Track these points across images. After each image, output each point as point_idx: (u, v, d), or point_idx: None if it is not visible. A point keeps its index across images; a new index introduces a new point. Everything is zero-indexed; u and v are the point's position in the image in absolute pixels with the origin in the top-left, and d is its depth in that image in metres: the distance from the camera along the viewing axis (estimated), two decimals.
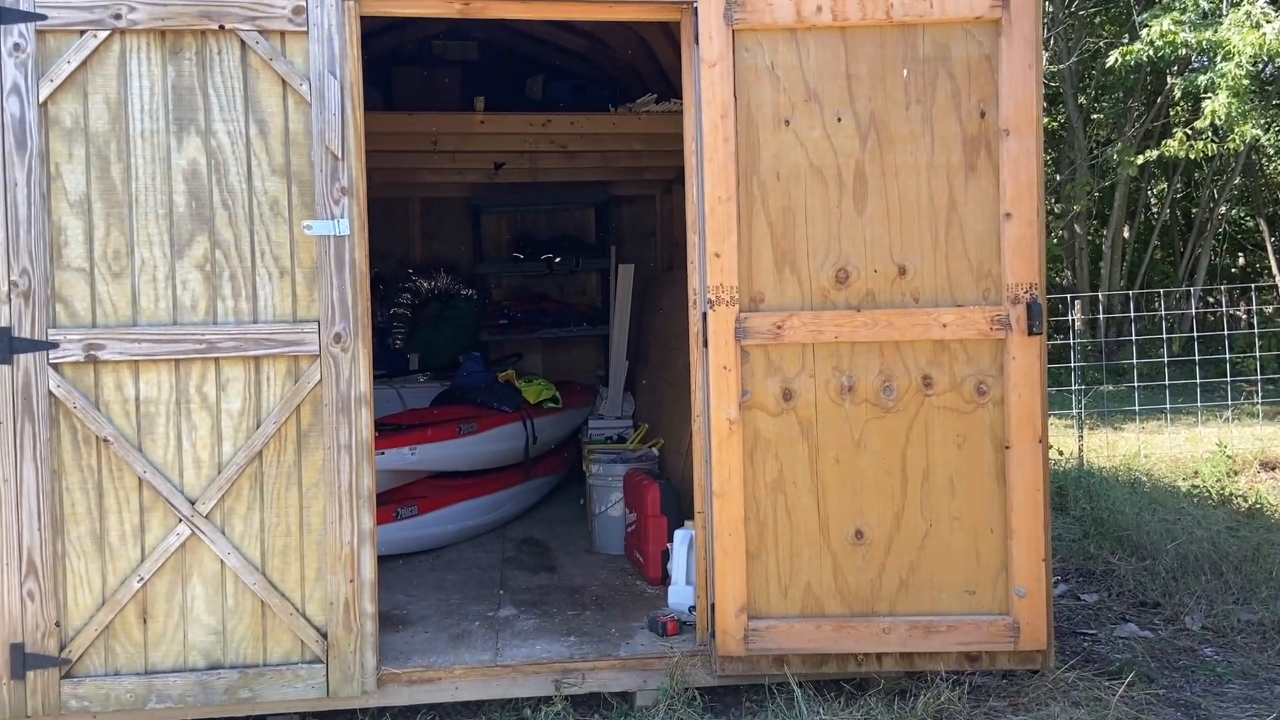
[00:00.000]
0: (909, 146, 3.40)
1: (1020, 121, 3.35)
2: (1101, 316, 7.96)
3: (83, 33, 3.16)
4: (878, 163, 3.40)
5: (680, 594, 3.99)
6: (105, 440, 3.19)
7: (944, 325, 3.38)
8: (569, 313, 7.52)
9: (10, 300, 3.14)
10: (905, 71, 3.38)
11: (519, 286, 7.79)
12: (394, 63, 6.57)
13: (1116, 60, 10.50)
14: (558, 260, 7.43)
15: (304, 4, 3.25)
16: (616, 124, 5.92)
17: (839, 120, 3.40)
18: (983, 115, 3.38)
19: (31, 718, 3.16)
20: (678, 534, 4.11)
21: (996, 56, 3.36)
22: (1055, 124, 13.80)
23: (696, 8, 3.41)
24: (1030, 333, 3.36)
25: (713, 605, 3.47)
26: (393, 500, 4.85)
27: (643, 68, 6.39)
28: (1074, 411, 6.65)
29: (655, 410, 5.97)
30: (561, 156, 6.51)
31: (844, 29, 3.39)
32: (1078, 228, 13.62)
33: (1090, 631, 4.17)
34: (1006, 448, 3.39)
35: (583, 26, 6.68)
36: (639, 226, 7.82)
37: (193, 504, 3.23)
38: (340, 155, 3.28)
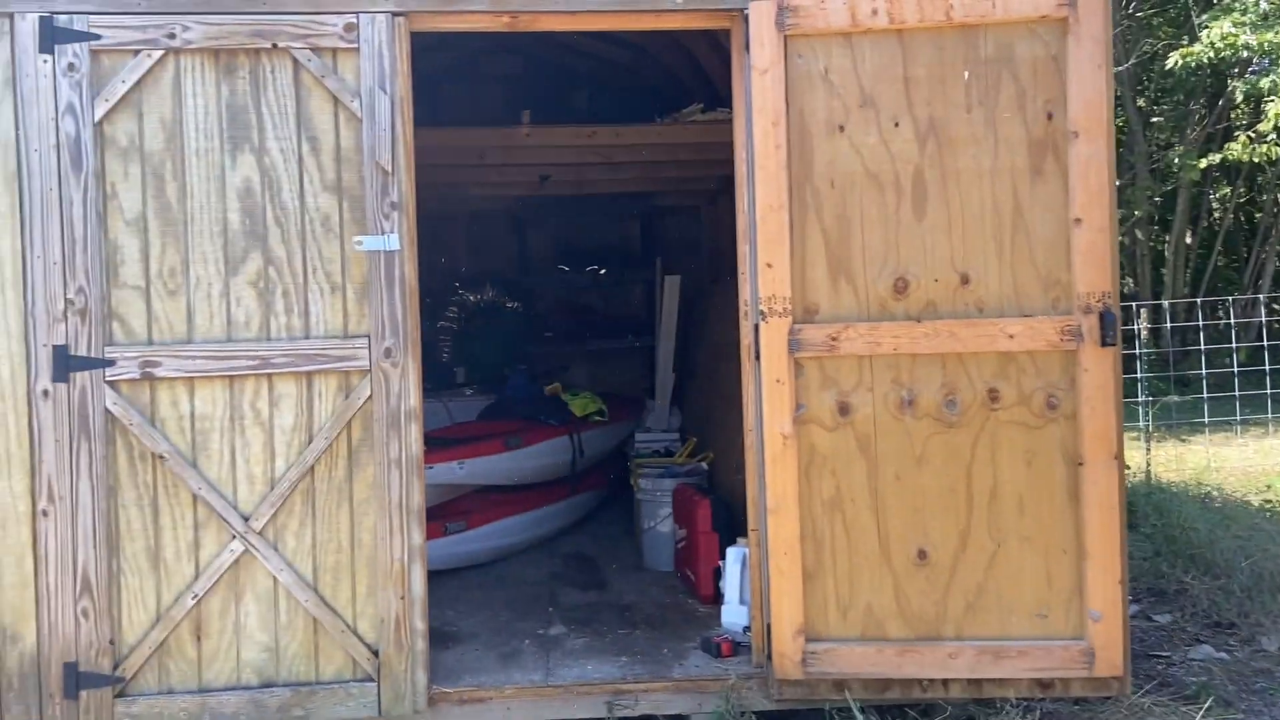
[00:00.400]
0: (971, 150, 3.29)
1: (1090, 123, 3.23)
2: (1167, 325, 7.70)
3: (137, 52, 3.18)
4: (938, 168, 3.30)
5: (734, 613, 3.89)
6: (161, 457, 3.20)
7: (1010, 336, 3.26)
8: (614, 325, 7.47)
9: (67, 319, 3.16)
10: (966, 74, 3.28)
11: (564, 299, 7.76)
12: (441, 79, 6.59)
13: (1176, 62, 10.22)
14: (603, 272, 7.39)
15: (355, 21, 3.24)
16: (662, 134, 5.85)
17: (896, 125, 3.31)
18: (1049, 117, 3.26)
19: None
20: (730, 551, 4.02)
21: (1063, 56, 3.24)
22: (1114, 128, 13.46)
23: (747, 14, 3.34)
24: (1104, 344, 3.22)
25: (768, 626, 3.37)
26: (441, 515, 4.82)
27: (687, 78, 6.34)
28: (1140, 424, 6.42)
29: (704, 423, 5.88)
30: (607, 168, 6.46)
31: (901, 32, 3.29)
32: (1139, 234, 13.27)
33: (1164, 654, 4.00)
34: (1079, 464, 3.25)
35: (627, 38, 6.65)
36: (684, 237, 7.75)
37: (246, 520, 3.22)
38: (390, 170, 3.26)
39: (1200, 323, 8.67)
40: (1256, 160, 10.68)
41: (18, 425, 3.15)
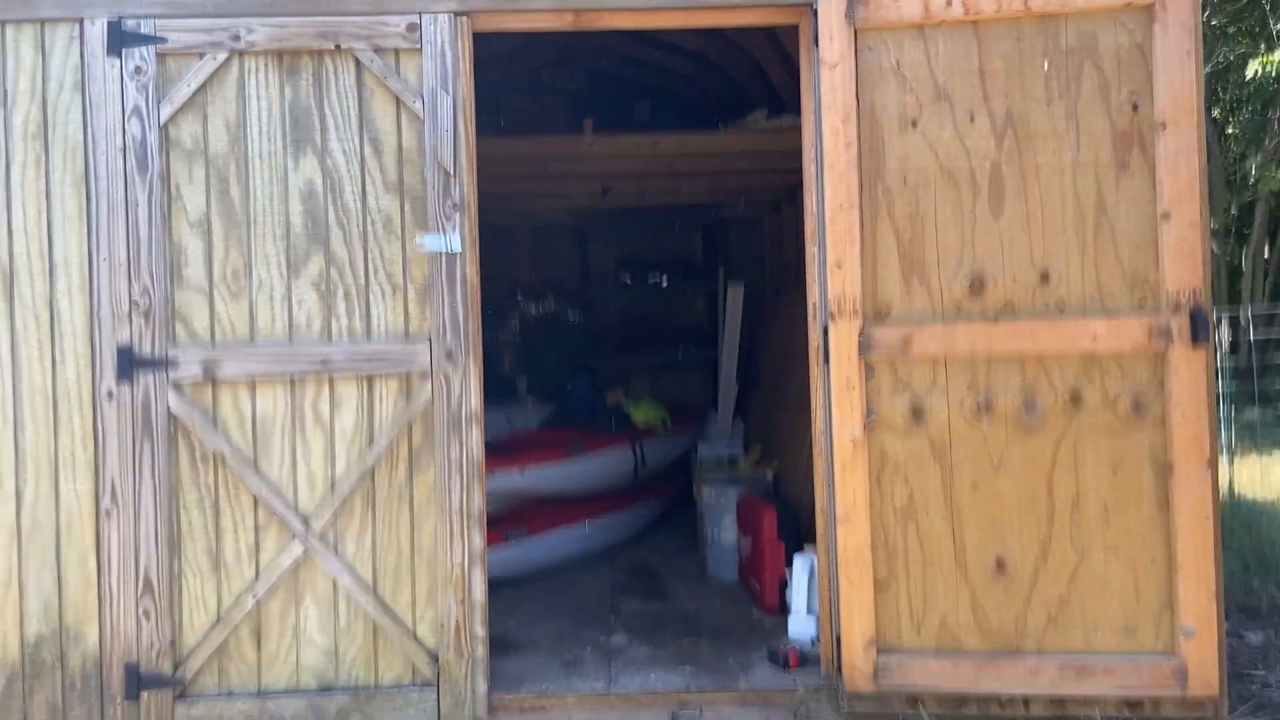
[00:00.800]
0: (1051, 144, 3.15)
1: (1179, 114, 3.07)
2: (1252, 337, 7.39)
3: (202, 55, 3.20)
4: (1015, 163, 3.16)
5: (801, 624, 3.77)
6: (222, 458, 3.18)
7: (1094, 337, 3.11)
8: (677, 335, 7.39)
9: (131, 320, 3.17)
10: (1046, 65, 3.15)
11: (626, 310, 7.70)
12: (504, 93, 6.60)
13: (1256, 71, 9.90)
14: (665, 283, 7.32)
15: (417, 21, 3.22)
16: (726, 142, 5.78)
17: (972, 119, 3.18)
18: (1135, 109, 3.12)
19: None
20: (797, 560, 3.90)
21: (1150, 45, 3.09)
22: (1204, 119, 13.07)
23: (816, 8, 3.25)
24: (1195, 343, 3.06)
25: (838, 638, 3.24)
26: (503, 523, 4.77)
27: (750, 86, 6.26)
28: (1222, 438, 6.16)
29: (768, 432, 5.76)
30: (669, 179, 6.40)
31: (976, 23, 3.18)
32: (1214, 246, 12.86)
33: (1258, 673, 3.77)
34: (1169, 471, 3.08)
35: (689, 48, 6.60)
36: (747, 248, 7.65)
37: (306, 522, 3.19)
38: (452, 171, 3.23)
39: None
40: None
41: (83, 426, 3.17)
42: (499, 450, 5.07)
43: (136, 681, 3.15)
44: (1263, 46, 11.10)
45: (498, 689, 3.35)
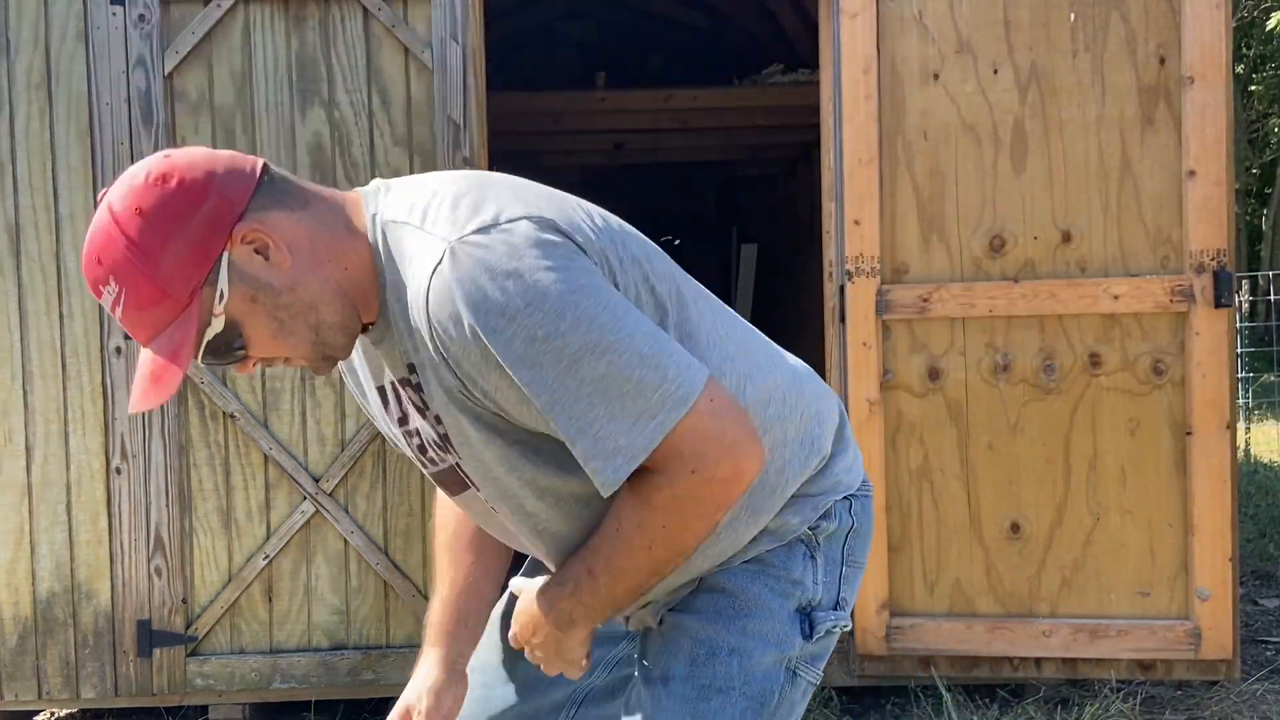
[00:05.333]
0: (1075, 99, 3.07)
1: (1206, 68, 2.99)
2: (1274, 297, 7.32)
3: (207, 2, 3.12)
4: (1039, 118, 3.09)
5: None
6: (232, 416, 3.16)
7: (1115, 297, 3.05)
8: None
9: None
10: (1072, 16, 3.06)
11: None
12: (515, 46, 6.49)
13: (1278, 24, 9.71)
14: (678, 242, 7.25)
15: None
16: (741, 97, 5.67)
17: (995, 72, 3.11)
18: (1162, 62, 3.04)
19: (157, 695, 3.16)
20: None
21: None
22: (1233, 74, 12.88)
23: None
24: (1218, 305, 3.00)
25: None
26: None
27: (766, 40, 6.14)
28: (1240, 401, 6.11)
29: None
30: (683, 135, 6.30)
31: None
32: (1234, 206, 12.73)
33: (1273, 639, 3.77)
34: (1188, 434, 3.04)
35: (704, 0, 6.47)
36: (762, 207, 7.57)
37: (317, 481, 3.17)
38: (462, 124, 3.16)
39: None
40: None
41: (91, 382, 3.14)
42: None
43: (149, 638, 3.15)
44: None
45: None
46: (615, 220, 1.30)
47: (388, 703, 3.33)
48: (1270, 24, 9.77)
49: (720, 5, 6.06)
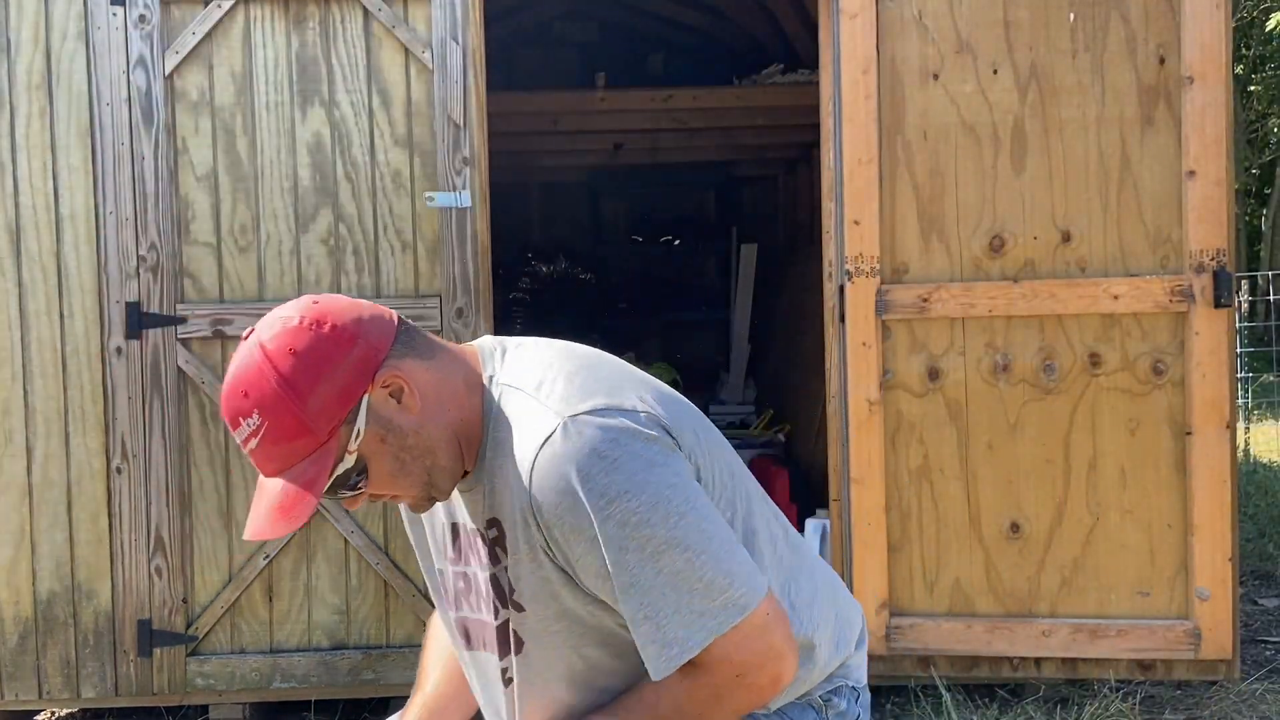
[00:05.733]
0: (1075, 99, 3.07)
1: (1206, 67, 3.00)
2: (1273, 297, 7.32)
3: (207, 3, 3.12)
4: (1039, 118, 3.09)
5: None
6: None
7: (1115, 297, 3.06)
8: (689, 296, 7.34)
9: (139, 275, 3.14)
10: (1072, 16, 3.06)
11: (638, 270, 7.64)
12: (514, 46, 6.48)
13: (1277, 24, 9.71)
14: (677, 243, 7.24)
15: None
16: (740, 97, 5.67)
17: (995, 72, 3.11)
18: (1162, 62, 3.04)
19: (157, 695, 3.17)
20: (809, 523, 3.88)
21: None
22: (1232, 74, 12.87)
23: None
24: (1217, 305, 3.01)
25: None
26: None
27: (766, 40, 6.14)
28: (1239, 401, 6.11)
29: (780, 395, 5.73)
30: (682, 135, 6.30)
31: None
32: (1234, 206, 12.73)
33: (1272, 639, 3.77)
34: (1188, 434, 3.04)
35: (704, 0, 6.47)
36: (761, 207, 7.57)
37: None
38: (462, 124, 3.16)
39: None
40: None
41: (92, 382, 3.14)
42: None
43: (149, 638, 3.15)
44: None
45: None
46: (697, 411, 1.42)
47: (388, 702, 3.36)
48: (1270, 24, 9.77)
49: (720, 5, 6.06)
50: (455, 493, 1.37)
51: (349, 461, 1.26)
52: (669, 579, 1.24)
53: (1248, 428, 6.04)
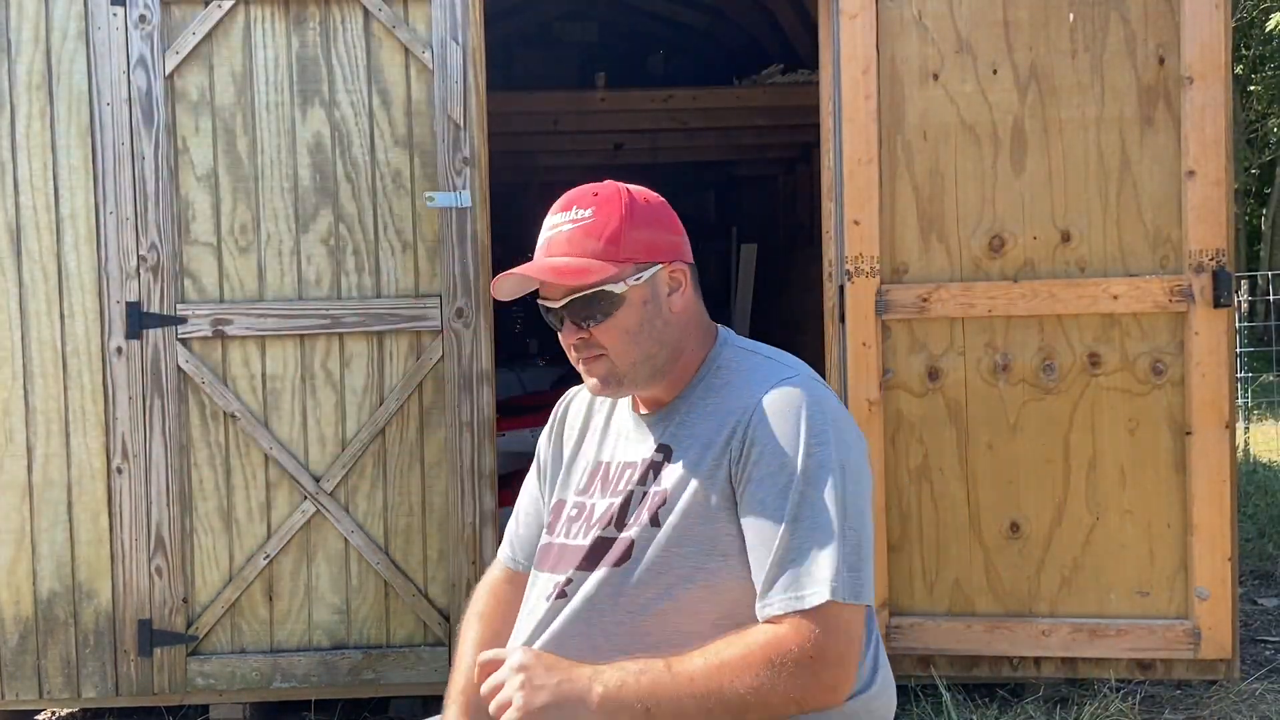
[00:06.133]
0: (1075, 99, 3.08)
1: (1205, 68, 3.00)
2: (1273, 297, 7.32)
3: (207, 3, 3.13)
4: (1039, 118, 3.09)
5: None
6: (233, 416, 3.16)
7: (1114, 297, 3.06)
8: None
9: (140, 275, 3.14)
10: (1071, 16, 3.07)
11: None
12: (515, 47, 6.49)
13: (1277, 24, 9.71)
14: None
15: None
16: (740, 97, 5.69)
17: (994, 72, 3.11)
18: (1161, 62, 3.04)
19: (157, 694, 3.17)
20: None
21: None
22: (1231, 74, 12.86)
23: None
24: (1217, 305, 3.01)
25: None
26: (514, 484, 4.76)
27: (766, 41, 6.15)
28: (1239, 401, 6.11)
29: None
30: (682, 135, 6.31)
31: None
32: (1233, 206, 12.73)
33: (1272, 639, 3.77)
34: (1187, 433, 3.05)
35: (704, 0, 6.48)
36: (761, 207, 7.58)
37: (317, 481, 3.17)
38: (462, 124, 3.17)
39: None
40: None
41: (92, 382, 3.15)
42: (511, 409, 5.06)
43: (149, 638, 3.15)
44: None
45: None
46: None
47: (388, 703, 3.36)
48: (1269, 24, 9.77)
49: (720, 5, 6.07)
50: (617, 430, 1.58)
51: (615, 289, 1.47)
52: (838, 531, 1.35)
53: (1247, 428, 6.03)
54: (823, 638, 1.32)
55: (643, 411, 1.57)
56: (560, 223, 1.50)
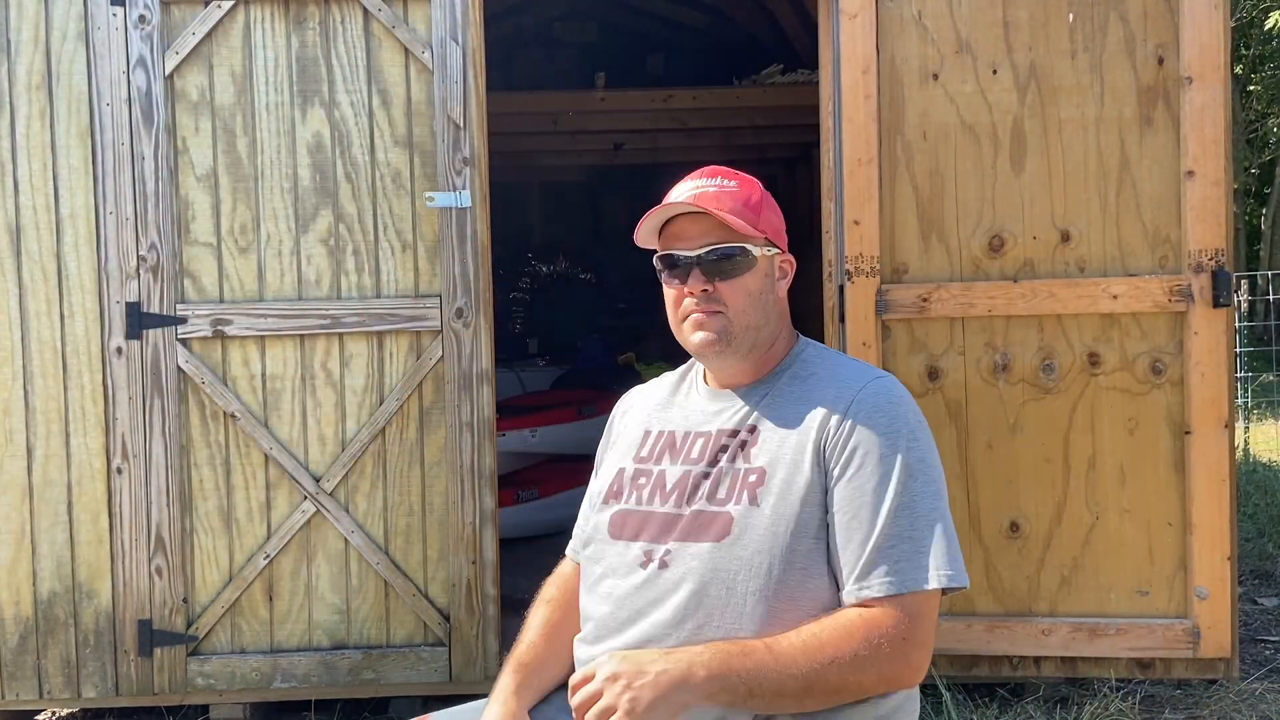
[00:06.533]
0: (1074, 99, 3.08)
1: (1204, 68, 3.00)
2: (1272, 297, 7.32)
3: (207, 3, 3.13)
4: (1038, 118, 3.10)
5: None
6: (233, 416, 3.16)
7: (1114, 297, 3.06)
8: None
9: (140, 275, 3.14)
10: (1071, 16, 3.07)
11: (638, 270, 7.66)
12: (515, 47, 6.49)
13: (1275, 23, 9.71)
14: None
15: None
16: (740, 97, 5.69)
17: (994, 73, 3.11)
18: (1160, 62, 3.04)
19: (158, 694, 3.17)
20: None
21: None
22: (1230, 74, 12.86)
23: None
24: (1216, 304, 3.01)
25: None
26: (514, 483, 4.77)
27: (766, 40, 6.15)
28: (1238, 400, 6.11)
29: None
30: (682, 135, 6.32)
31: None
32: (1234, 206, 12.73)
33: (1272, 639, 3.77)
34: (1186, 433, 3.05)
35: (704, 0, 6.48)
36: None
37: (317, 481, 3.17)
38: (462, 124, 3.17)
39: None
40: None
41: (92, 382, 3.15)
42: (510, 410, 5.06)
43: (149, 638, 3.15)
44: None
45: (508, 647, 3.35)
46: None
47: (388, 702, 3.36)
48: (1269, 24, 9.77)
49: (720, 5, 6.08)
50: (684, 404, 1.69)
51: (754, 249, 1.61)
52: (939, 522, 1.48)
53: (1247, 427, 6.04)
54: (916, 621, 1.42)
55: (720, 388, 1.67)
56: (706, 185, 1.61)
